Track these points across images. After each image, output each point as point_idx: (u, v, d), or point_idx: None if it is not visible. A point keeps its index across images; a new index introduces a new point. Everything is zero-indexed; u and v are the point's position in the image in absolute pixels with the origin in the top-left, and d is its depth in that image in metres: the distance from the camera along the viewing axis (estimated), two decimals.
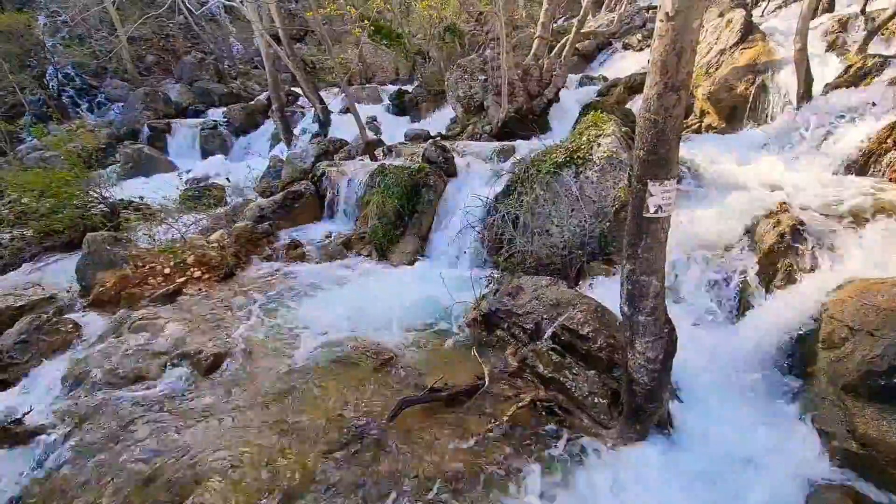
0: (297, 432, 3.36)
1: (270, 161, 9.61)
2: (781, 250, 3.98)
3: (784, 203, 4.31)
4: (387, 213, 6.50)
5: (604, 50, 14.02)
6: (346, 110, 12.65)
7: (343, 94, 14.08)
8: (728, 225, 4.49)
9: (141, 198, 8.51)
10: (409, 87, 14.23)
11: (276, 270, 6.07)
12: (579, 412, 3.37)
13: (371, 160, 8.30)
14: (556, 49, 9.87)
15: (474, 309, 4.57)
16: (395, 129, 11.30)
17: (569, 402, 3.42)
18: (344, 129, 11.30)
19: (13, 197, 7.75)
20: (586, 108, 8.24)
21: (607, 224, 4.96)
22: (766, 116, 7.30)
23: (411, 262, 6.21)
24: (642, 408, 2.96)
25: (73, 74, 15.60)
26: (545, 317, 3.91)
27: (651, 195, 2.40)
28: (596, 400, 3.35)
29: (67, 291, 5.74)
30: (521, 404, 3.38)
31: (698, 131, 8.14)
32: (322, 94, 13.05)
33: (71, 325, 4.89)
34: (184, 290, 5.51)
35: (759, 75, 7.48)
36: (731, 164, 5.69)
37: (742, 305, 4.03)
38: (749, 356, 3.68)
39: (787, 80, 7.10)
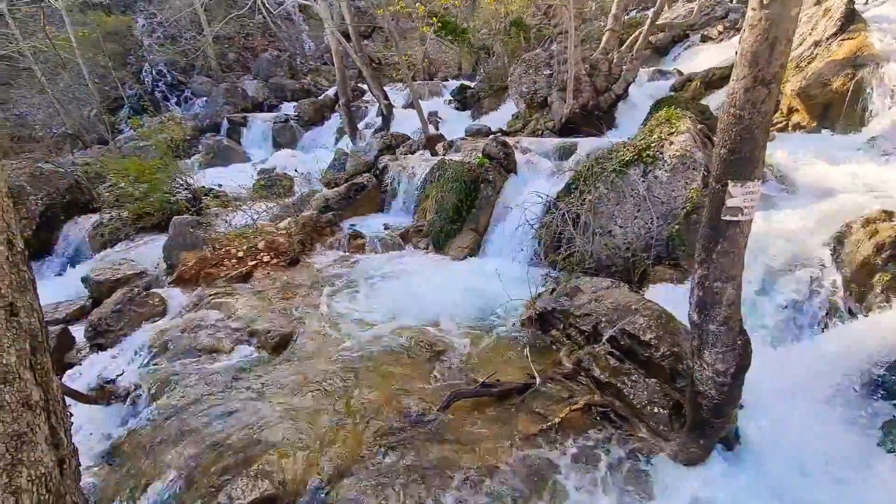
0: (352, 413, 3.50)
1: (336, 154, 10.00)
2: (878, 264, 3.58)
3: (885, 211, 3.86)
4: (445, 208, 6.56)
5: (679, 43, 13.22)
6: (408, 105, 12.88)
7: (406, 90, 14.35)
8: (815, 233, 4.10)
9: (219, 185, 9.19)
10: (472, 83, 14.21)
11: (338, 258, 6.34)
12: (637, 421, 3.24)
13: (432, 154, 8.40)
14: (627, 42, 9.45)
15: (529, 307, 4.51)
16: (456, 124, 11.36)
17: (626, 409, 3.30)
18: (406, 123, 11.52)
19: (113, 182, 8.64)
20: (658, 104, 7.82)
21: (676, 227, 4.70)
22: (866, 115, 6.56)
23: (467, 257, 6.24)
24: (708, 422, 2.79)
25: (165, 71, 17.09)
26: (604, 320, 3.79)
27: (731, 196, 2.25)
28: (656, 410, 3.20)
29: (155, 268, 6.33)
30: (574, 407, 3.30)
31: (784, 130, 7.49)
32: (386, 89, 13.36)
33: (158, 299, 5.39)
34: (254, 272, 5.89)
35: (859, 70, 6.73)
36: (822, 167, 5.19)
37: (827, 322, 3.67)
38: (831, 377, 3.36)
39: (893, 75, 6.34)
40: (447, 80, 16.41)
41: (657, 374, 3.39)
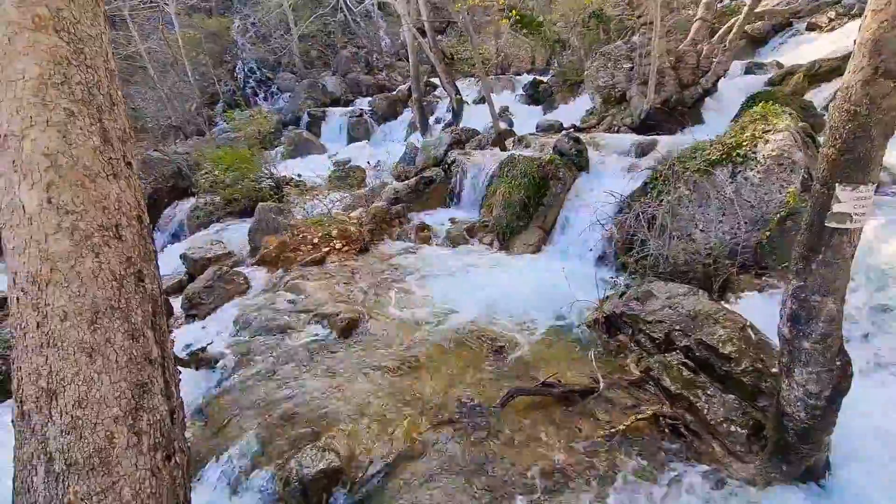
0: (413, 399, 3.61)
1: (406, 147, 10.25)
2: None
3: None
4: (512, 204, 6.51)
5: (781, 32, 11.99)
6: (479, 100, 12.88)
7: (477, 85, 14.33)
8: None
9: (299, 175, 9.79)
10: (545, 77, 13.90)
11: (405, 249, 6.52)
12: (710, 438, 3.04)
13: (501, 150, 8.36)
14: (719, 33, 8.75)
15: (596, 310, 4.37)
16: (527, 119, 11.17)
17: (698, 424, 3.11)
18: (476, 118, 11.53)
19: (208, 169, 9.50)
20: (752, 100, 7.19)
21: (767, 233, 4.31)
22: None
23: (533, 255, 6.16)
24: (793, 448, 2.56)
25: (255, 68, 18.41)
26: (678, 328, 3.58)
27: (839, 201, 2.03)
28: (732, 428, 2.99)
29: (241, 250, 6.90)
30: (640, 416, 3.17)
31: None
32: (457, 84, 13.43)
33: (242, 278, 5.88)
34: (327, 258, 6.23)
35: None
36: None
37: None
38: None
39: None
40: (519, 75, 16.16)
41: (736, 389, 3.16)
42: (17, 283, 1.28)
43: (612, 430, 3.11)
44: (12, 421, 1.28)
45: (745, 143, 4.74)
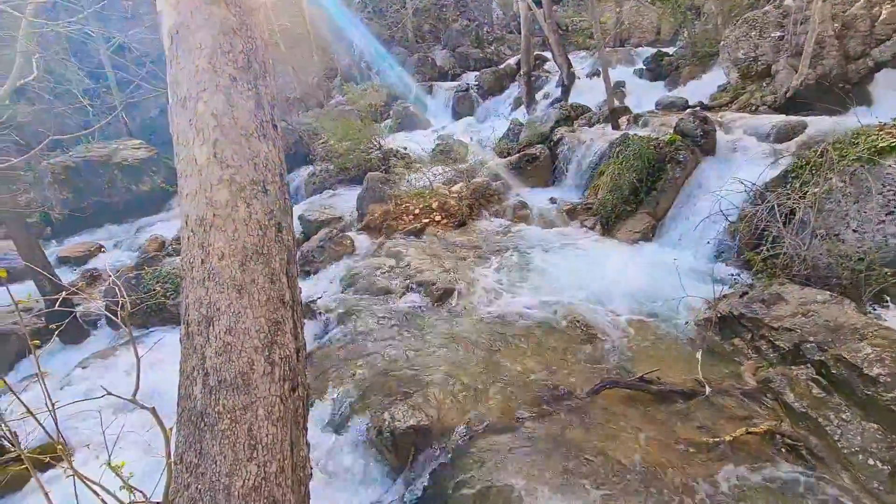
0: (502, 376, 3.65)
1: (511, 123, 10.04)
2: None
3: None
4: (621, 187, 6.10)
5: None
6: (592, 74, 12.12)
7: (590, 59, 13.45)
8: None
9: (404, 148, 10.14)
10: (670, 50, 12.57)
11: (502, 226, 6.49)
12: (839, 467, 2.65)
13: (613, 128, 7.82)
14: None
15: (709, 308, 3.99)
16: (645, 95, 10.26)
17: (825, 450, 2.73)
18: (587, 94, 10.87)
19: (324, 140, 10.25)
20: None
21: None
22: None
23: (638, 243, 5.75)
24: None
25: (370, 43, 19.19)
26: (812, 339, 3.13)
27: None
28: (871, 461, 2.57)
29: (349, 215, 7.41)
30: (753, 429, 2.86)
31: None
32: (569, 56, 12.70)
33: (349, 241, 6.33)
34: (426, 229, 6.44)
35: None
36: None
37: None
38: None
39: None
40: (639, 47, 14.82)
41: (881, 418, 2.71)
42: (188, 225, 1.53)
43: (716, 439, 2.86)
44: (180, 339, 1.54)
45: None
